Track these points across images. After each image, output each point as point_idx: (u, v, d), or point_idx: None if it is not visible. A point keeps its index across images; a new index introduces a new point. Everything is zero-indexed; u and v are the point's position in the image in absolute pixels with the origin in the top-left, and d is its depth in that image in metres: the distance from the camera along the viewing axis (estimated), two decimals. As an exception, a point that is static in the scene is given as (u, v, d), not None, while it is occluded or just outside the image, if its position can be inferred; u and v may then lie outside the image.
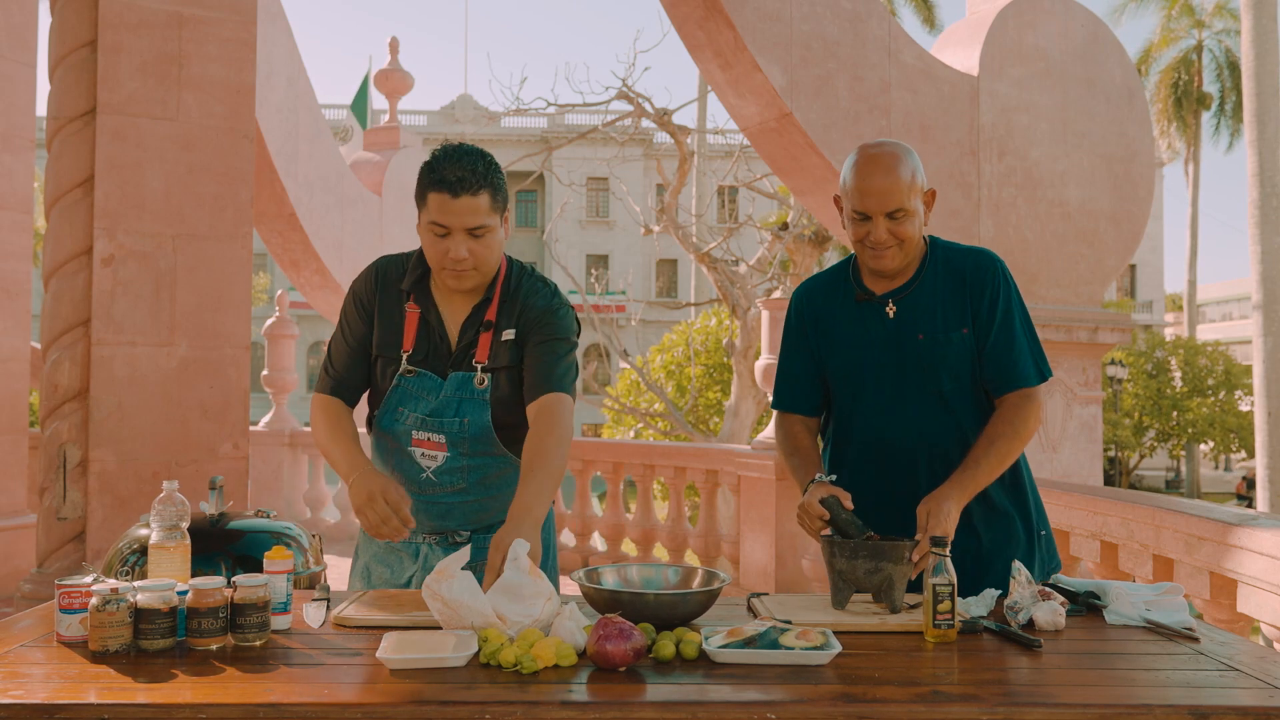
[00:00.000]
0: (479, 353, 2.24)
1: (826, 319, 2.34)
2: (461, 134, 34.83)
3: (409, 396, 2.24)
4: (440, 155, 2.16)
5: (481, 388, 2.23)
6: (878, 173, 2.17)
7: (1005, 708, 1.48)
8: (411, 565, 2.33)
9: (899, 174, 2.17)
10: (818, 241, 13.75)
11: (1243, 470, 33.37)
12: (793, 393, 2.40)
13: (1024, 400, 2.23)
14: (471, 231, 2.13)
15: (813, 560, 5.67)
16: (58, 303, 4.54)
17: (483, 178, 2.12)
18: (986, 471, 2.16)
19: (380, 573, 2.37)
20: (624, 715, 1.46)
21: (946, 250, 2.31)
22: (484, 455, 2.26)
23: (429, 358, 2.25)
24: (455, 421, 2.23)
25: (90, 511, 4.48)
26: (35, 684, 1.55)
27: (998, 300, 2.24)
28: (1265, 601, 2.94)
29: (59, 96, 4.59)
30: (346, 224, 9.46)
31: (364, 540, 2.44)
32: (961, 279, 2.26)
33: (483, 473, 2.28)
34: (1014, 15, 6.60)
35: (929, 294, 2.26)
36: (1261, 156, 12.15)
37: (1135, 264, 39.52)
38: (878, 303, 2.28)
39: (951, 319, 2.24)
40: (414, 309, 2.26)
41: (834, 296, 2.35)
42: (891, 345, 2.26)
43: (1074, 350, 6.45)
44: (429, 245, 2.18)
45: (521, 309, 2.27)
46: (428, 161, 2.17)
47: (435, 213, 2.12)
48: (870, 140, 2.27)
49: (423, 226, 2.17)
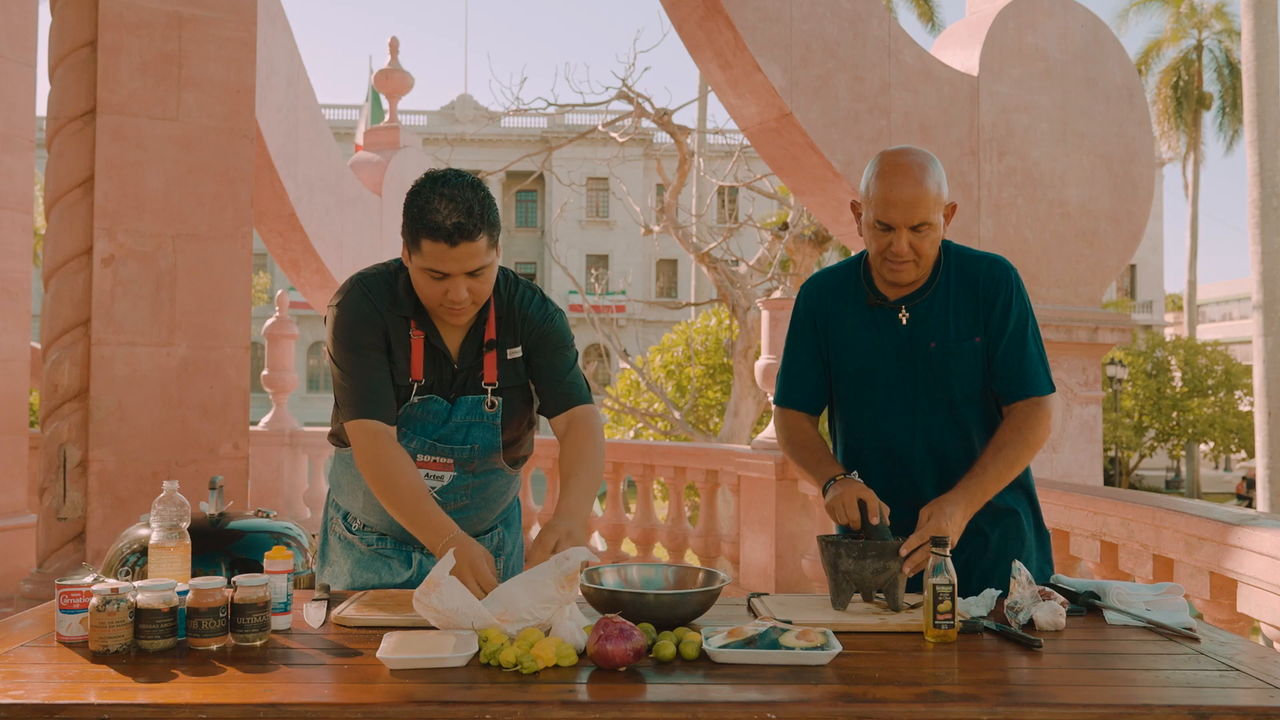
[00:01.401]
0: (487, 373, 2.19)
1: (836, 319, 2.31)
2: (461, 134, 34.83)
3: (414, 420, 2.18)
4: (428, 191, 1.99)
5: (492, 411, 2.19)
6: (906, 183, 2.11)
7: (1005, 708, 1.48)
8: (405, 571, 2.30)
9: (926, 186, 2.12)
10: (818, 241, 13.75)
11: (1243, 470, 33.36)
12: (797, 390, 2.38)
13: (1034, 408, 2.21)
14: (471, 274, 2.03)
15: (813, 560, 5.67)
16: (58, 303, 4.54)
17: (480, 220, 1.98)
18: (994, 478, 2.15)
19: (366, 579, 2.31)
20: (624, 715, 1.46)
21: (960, 256, 2.28)
22: (488, 472, 2.26)
23: (436, 382, 2.19)
24: (465, 448, 2.19)
25: (90, 511, 4.48)
26: (35, 684, 1.54)
27: (1010, 308, 2.23)
28: (1265, 601, 2.94)
29: (59, 96, 4.59)
30: (346, 224, 9.46)
31: (342, 545, 2.37)
32: (975, 287, 2.24)
33: (485, 488, 2.27)
34: (1014, 15, 6.60)
35: (942, 302, 2.23)
36: (1261, 156, 12.15)
37: (1135, 264, 39.54)
38: (890, 308, 2.25)
39: (964, 328, 2.22)
40: (419, 334, 2.15)
41: (844, 296, 2.31)
42: (903, 352, 2.24)
43: (1074, 350, 6.44)
44: (424, 286, 2.05)
45: (522, 324, 2.22)
46: (415, 198, 2.01)
47: (433, 260, 1.99)
48: (893, 147, 2.22)
49: (415, 268, 2.04)
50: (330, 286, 9.41)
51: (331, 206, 9.25)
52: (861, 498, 2.07)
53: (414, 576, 2.28)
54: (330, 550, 2.39)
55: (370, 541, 2.32)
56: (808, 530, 5.98)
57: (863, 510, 2.06)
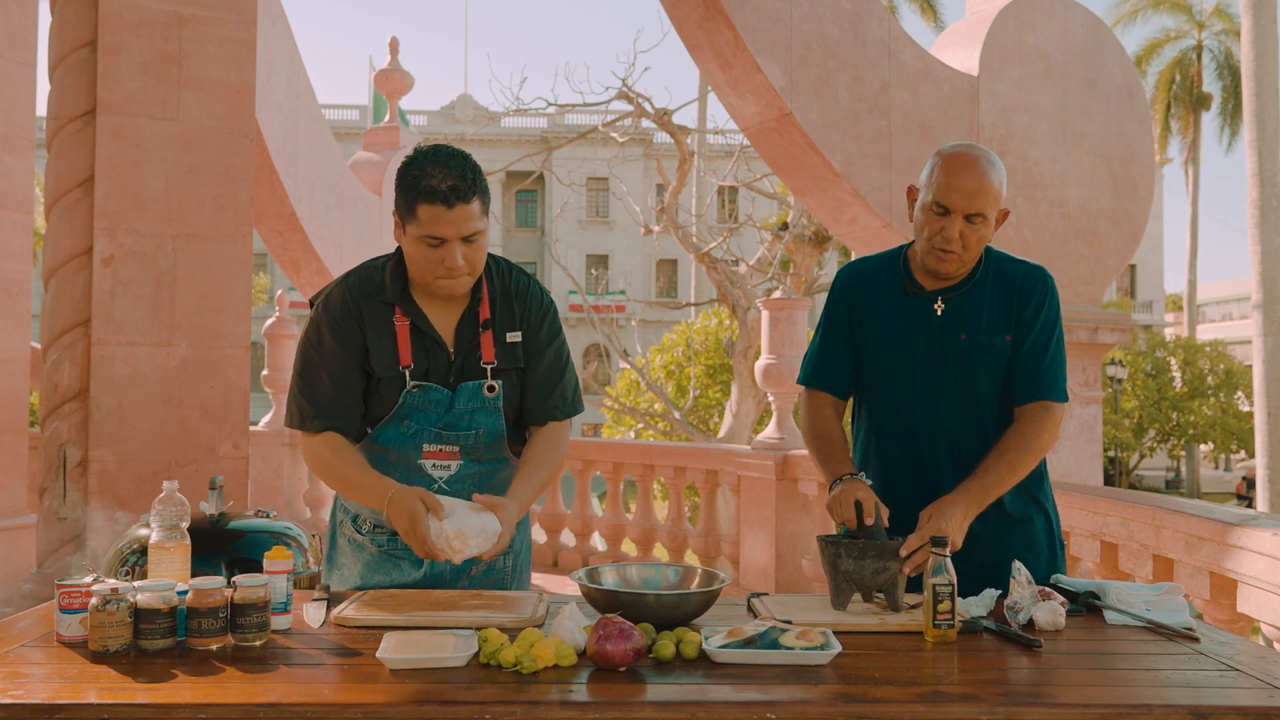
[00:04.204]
0: (485, 353, 2.20)
1: (870, 305, 2.34)
2: (461, 134, 34.81)
3: (415, 411, 2.19)
4: (421, 161, 2.06)
5: (493, 396, 2.21)
6: (974, 171, 2.17)
7: (1005, 708, 1.48)
8: (415, 571, 2.28)
9: (991, 178, 2.17)
10: (818, 241, 13.75)
11: (1243, 470, 33.35)
12: (826, 371, 2.39)
13: (1042, 413, 2.23)
14: (466, 239, 2.08)
15: (813, 560, 5.67)
16: (58, 303, 4.54)
17: (472, 184, 2.05)
18: (996, 481, 2.16)
19: (378, 580, 2.29)
20: (624, 715, 1.46)
21: (1001, 260, 2.32)
22: (494, 461, 2.27)
23: (430, 369, 2.19)
24: (470, 434, 2.21)
25: (90, 511, 4.47)
26: (35, 684, 1.54)
27: (1041, 311, 2.26)
28: (1265, 601, 2.94)
29: (59, 96, 4.59)
30: (346, 224, 9.46)
31: (351, 546, 2.36)
32: (1012, 287, 2.27)
33: (491, 477, 2.27)
34: (1014, 15, 6.60)
35: (978, 297, 2.27)
36: (1261, 156, 12.15)
37: (1135, 264, 39.52)
38: (926, 298, 2.28)
39: (996, 324, 2.25)
40: (403, 320, 2.18)
41: (880, 284, 2.34)
42: (934, 342, 2.26)
43: (1074, 350, 6.44)
44: (420, 256, 2.10)
45: (520, 307, 2.25)
46: (408, 169, 2.07)
47: (429, 226, 2.05)
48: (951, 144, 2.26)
49: (411, 239, 2.10)
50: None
51: (331, 206, 9.25)
52: (859, 498, 2.07)
53: (425, 576, 2.26)
54: (339, 554, 2.37)
55: (381, 542, 2.30)
56: (808, 530, 5.98)
57: (859, 510, 2.06)
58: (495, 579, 2.31)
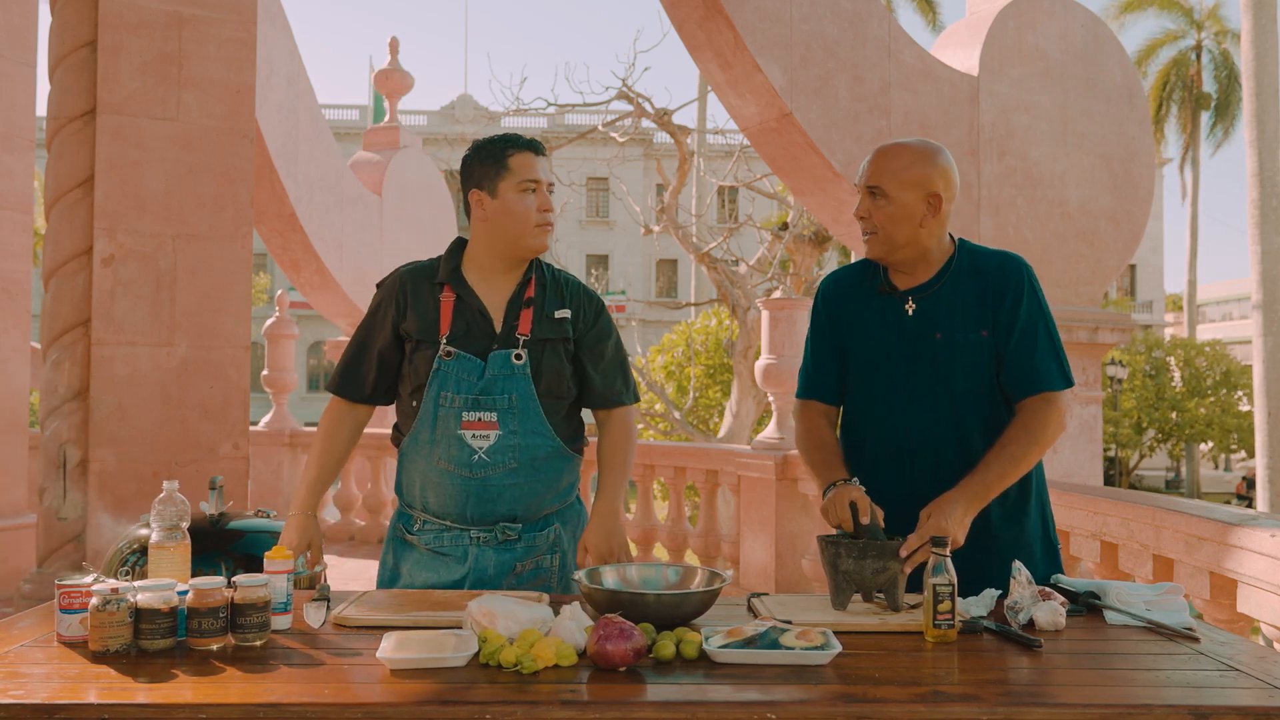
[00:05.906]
0: (521, 325, 2.32)
1: (851, 311, 2.35)
2: (461, 134, 34.79)
3: (449, 379, 2.28)
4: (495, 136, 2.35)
5: (520, 363, 2.29)
6: (884, 151, 2.27)
7: (1005, 708, 1.47)
8: (460, 568, 2.31)
9: (893, 156, 2.23)
10: (818, 241, 13.76)
11: (1243, 470, 33.37)
12: (815, 380, 2.41)
13: (1044, 404, 2.19)
14: (549, 187, 2.33)
15: (813, 560, 5.67)
16: (58, 303, 4.54)
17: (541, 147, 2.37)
18: (997, 476, 2.13)
19: (424, 578, 2.34)
20: (624, 715, 1.46)
21: (973, 253, 2.30)
22: (532, 434, 2.30)
23: (467, 337, 2.30)
24: (504, 398, 2.28)
25: (90, 511, 4.47)
26: (35, 684, 1.54)
27: (1020, 303, 2.22)
28: (1265, 601, 2.94)
29: (59, 96, 4.59)
30: (346, 224, 9.46)
31: (399, 546, 2.41)
32: (984, 281, 2.24)
33: (532, 453, 2.30)
34: (1014, 15, 6.60)
35: (950, 294, 2.25)
36: (1261, 156, 12.15)
37: (1135, 264, 39.52)
38: (898, 299, 2.28)
39: (971, 321, 2.22)
40: (449, 295, 2.33)
41: (859, 289, 2.36)
42: (909, 342, 2.25)
43: (1074, 350, 6.44)
44: (518, 204, 2.30)
45: (571, 292, 2.40)
46: (487, 142, 2.34)
47: (524, 170, 2.30)
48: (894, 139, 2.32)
49: (504, 194, 2.30)
50: (330, 286, 9.41)
51: (331, 206, 9.25)
52: (853, 498, 2.07)
53: (469, 574, 2.30)
54: (388, 554, 2.44)
55: (428, 540, 2.35)
56: (808, 530, 5.98)
57: (854, 511, 2.06)
58: (542, 578, 2.35)
